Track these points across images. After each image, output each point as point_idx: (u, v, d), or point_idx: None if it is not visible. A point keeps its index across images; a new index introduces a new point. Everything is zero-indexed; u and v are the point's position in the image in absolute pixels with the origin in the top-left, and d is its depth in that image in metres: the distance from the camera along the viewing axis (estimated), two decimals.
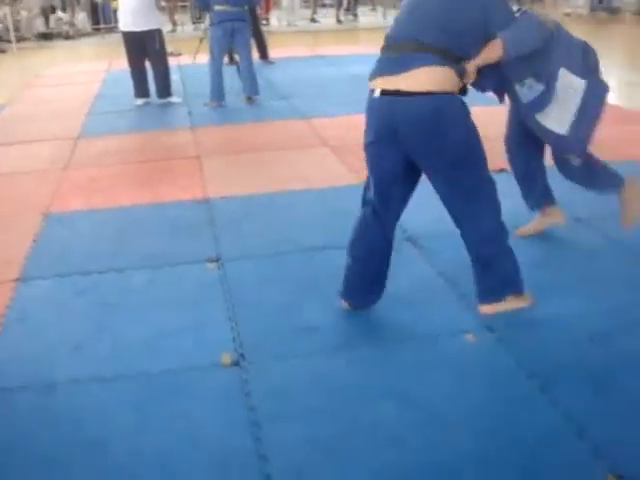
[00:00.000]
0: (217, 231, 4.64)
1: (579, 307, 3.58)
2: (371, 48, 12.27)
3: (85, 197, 5.36)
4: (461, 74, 3.15)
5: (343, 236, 4.44)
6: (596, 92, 3.75)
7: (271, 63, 10.98)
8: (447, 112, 3.13)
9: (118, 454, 2.66)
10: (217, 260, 4.22)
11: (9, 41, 15.04)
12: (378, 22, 16.85)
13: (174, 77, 9.81)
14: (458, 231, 3.45)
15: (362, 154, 5.76)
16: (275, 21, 17.32)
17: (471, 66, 3.17)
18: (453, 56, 3.10)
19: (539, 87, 3.69)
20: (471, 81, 3.26)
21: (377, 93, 3.19)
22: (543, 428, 2.73)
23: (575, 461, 2.55)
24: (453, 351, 3.24)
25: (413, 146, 3.20)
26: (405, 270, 4.02)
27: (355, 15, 18.08)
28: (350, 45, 13.19)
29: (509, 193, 5.12)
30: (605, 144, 4.85)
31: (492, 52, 3.18)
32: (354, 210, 4.86)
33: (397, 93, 3.10)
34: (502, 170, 5.52)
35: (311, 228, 4.65)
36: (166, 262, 4.20)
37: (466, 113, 3.21)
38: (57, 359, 3.28)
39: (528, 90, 3.70)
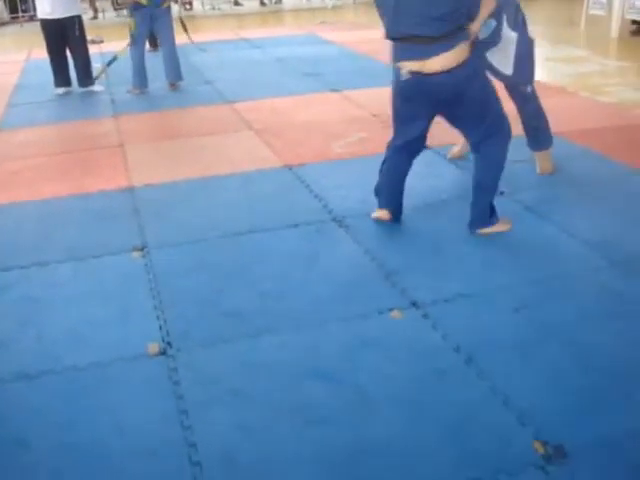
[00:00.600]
0: (142, 220, 4.58)
1: (502, 280, 3.65)
2: (295, 30, 12.32)
3: (5, 190, 5.23)
4: (469, 38, 3.74)
5: (268, 219, 4.48)
6: (525, 43, 4.56)
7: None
8: (472, 72, 3.84)
9: (44, 451, 2.62)
10: (142, 249, 4.17)
11: None
12: (302, 4, 16.82)
13: (96, 65, 9.65)
14: None
15: (287, 137, 5.82)
16: (198, 5, 17.08)
17: (475, 27, 3.75)
18: (459, 29, 3.67)
19: (492, 23, 4.35)
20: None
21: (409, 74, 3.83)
22: (470, 400, 2.78)
23: (502, 430, 2.61)
24: (380, 329, 3.27)
25: (450, 104, 3.92)
26: (331, 249, 4.05)
27: None
28: (274, 28, 13.13)
29: (433, 168, 5.22)
30: None
31: (488, 7, 3.77)
32: (279, 192, 4.91)
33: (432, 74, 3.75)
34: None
35: (236, 212, 4.63)
36: (90, 253, 4.14)
37: (479, 63, 4.06)
38: None
39: (485, 27, 4.21)
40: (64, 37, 8.04)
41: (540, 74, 8.10)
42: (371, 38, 10.99)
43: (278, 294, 3.60)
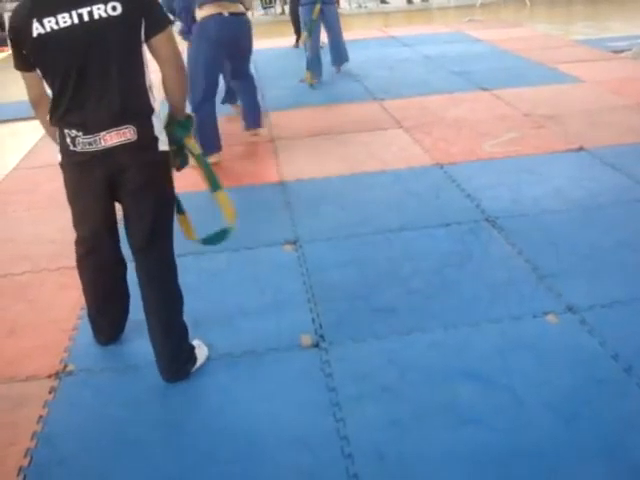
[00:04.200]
0: (294, 214, 4.67)
1: None
2: (442, 28, 12.20)
3: None
4: None
5: (419, 217, 4.47)
6: None
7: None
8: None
9: (196, 434, 2.71)
10: (295, 242, 4.25)
11: None
12: (449, 2, 16.64)
13: None
14: (536, 212, 3.38)
15: (437, 135, 5.77)
16: (345, 3, 17.18)
17: None
18: None
19: None
20: None
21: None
22: (630, 411, 2.68)
23: None
24: (535, 333, 3.20)
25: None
26: (484, 250, 4.00)
27: None
28: (422, 25, 13.06)
29: (587, 172, 5.07)
30: None
31: None
32: (430, 191, 4.89)
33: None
34: (581, 149, 5.46)
35: (387, 210, 4.64)
36: (244, 245, 4.24)
37: None
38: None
39: None
40: None
41: None
42: (520, 36, 10.79)
43: (429, 292, 3.59)
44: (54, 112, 2.76)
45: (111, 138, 2.71)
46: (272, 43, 11.71)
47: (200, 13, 5.58)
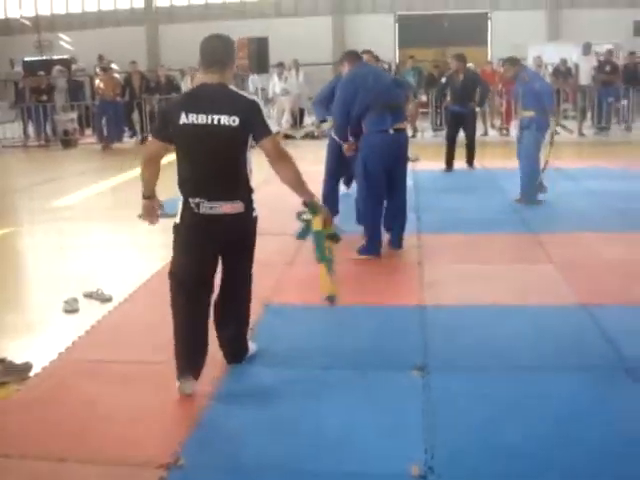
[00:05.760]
0: (427, 339, 4.65)
1: None
2: (612, 163, 11.92)
3: (300, 293, 5.61)
4: None
5: (553, 358, 4.34)
6: None
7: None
8: None
9: None
10: (423, 369, 4.22)
11: None
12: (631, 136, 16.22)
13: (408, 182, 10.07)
14: None
15: (588, 273, 5.59)
16: (514, 132, 17.12)
17: None
18: None
19: None
20: None
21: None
22: None
23: None
24: None
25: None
26: (617, 401, 3.82)
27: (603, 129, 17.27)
28: (592, 159, 12.80)
29: None
30: None
31: None
32: (569, 331, 4.73)
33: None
34: None
35: (521, 346, 4.53)
36: (371, 364, 4.27)
37: None
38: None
39: None
40: None
41: None
42: None
43: (555, 440, 3.43)
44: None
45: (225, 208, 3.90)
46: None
47: None
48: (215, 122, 3.78)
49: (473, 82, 11.85)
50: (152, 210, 4.22)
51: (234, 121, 3.77)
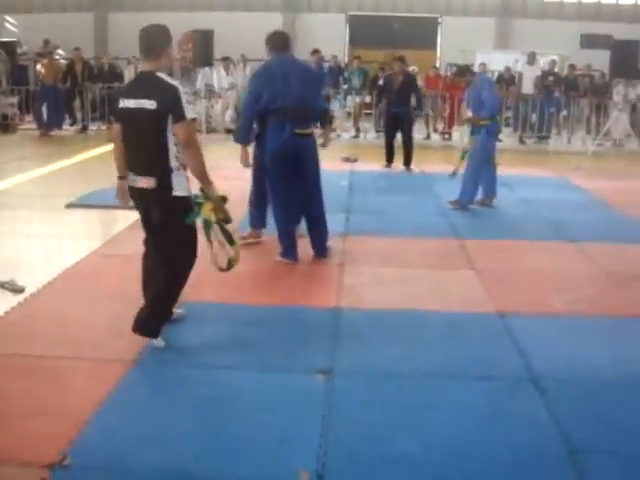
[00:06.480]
0: (338, 343, 4.60)
1: None
2: (548, 172, 12.07)
3: (217, 291, 5.51)
4: None
5: (462, 366, 4.33)
6: None
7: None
8: None
9: None
10: (328, 372, 4.16)
11: (199, 131, 15.92)
12: (561, 146, 16.49)
13: (343, 183, 10.08)
14: (590, 380, 3.60)
15: (508, 281, 5.63)
16: (456, 137, 17.22)
17: None
18: None
19: None
20: None
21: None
22: None
23: None
24: None
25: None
26: (517, 412, 3.83)
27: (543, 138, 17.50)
28: (529, 167, 12.94)
29: None
30: None
31: None
32: (482, 340, 4.73)
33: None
34: None
35: (432, 353, 4.53)
36: (276, 366, 4.22)
37: None
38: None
39: None
40: None
41: None
42: (625, 189, 10.52)
43: (448, 447, 3.42)
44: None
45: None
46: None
47: None
48: (139, 106, 4.18)
49: (410, 85, 12.10)
50: (122, 192, 4.50)
51: (152, 105, 4.14)
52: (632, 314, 5.32)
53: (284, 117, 6.00)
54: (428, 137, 16.59)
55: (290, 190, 6.20)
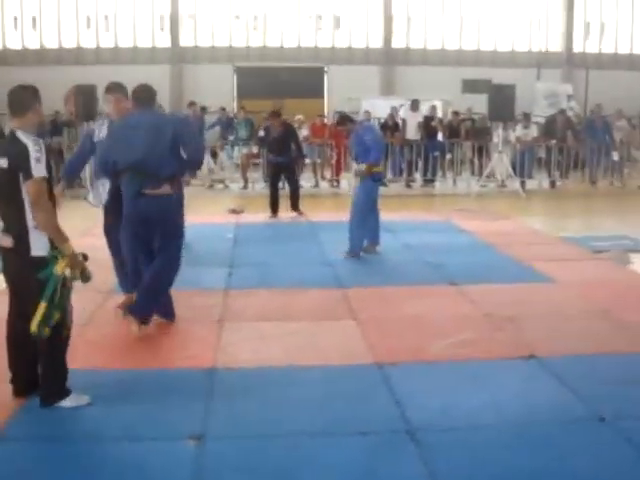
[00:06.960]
0: (211, 405, 4.47)
1: None
2: (433, 215, 12.29)
3: (86, 356, 5.21)
4: None
5: (338, 422, 4.25)
6: None
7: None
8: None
9: None
10: (199, 438, 4.01)
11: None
12: (447, 188, 16.92)
13: (229, 235, 9.98)
14: (464, 426, 3.65)
15: (389, 330, 5.60)
16: (345, 184, 17.36)
17: None
18: None
19: None
20: None
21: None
22: None
23: None
24: None
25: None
26: (392, 468, 3.77)
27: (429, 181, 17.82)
28: (414, 211, 13.13)
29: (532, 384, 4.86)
30: None
31: None
32: (359, 394, 4.68)
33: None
34: (531, 356, 5.27)
35: (308, 410, 4.43)
36: (146, 435, 4.05)
37: None
38: None
39: None
40: None
41: None
42: (505, 230, 10.80)
43: None
44: None
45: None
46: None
47: None
48: None
49: (289, 135, 12.25)
50: None
51: (4, 163, 4.18)
52: (504, 356, 5.40)
53: (132, 175, 5.73)
54: (317, 185, 16.71)
55: (139, 250, 5.97)
